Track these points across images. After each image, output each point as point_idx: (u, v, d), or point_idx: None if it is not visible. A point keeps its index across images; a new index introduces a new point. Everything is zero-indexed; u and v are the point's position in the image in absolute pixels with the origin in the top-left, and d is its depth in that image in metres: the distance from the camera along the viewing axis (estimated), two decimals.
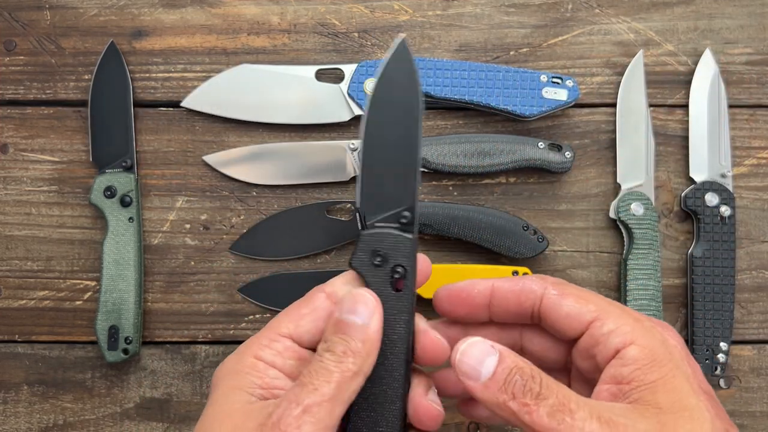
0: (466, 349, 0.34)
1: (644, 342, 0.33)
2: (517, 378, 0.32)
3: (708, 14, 0.60)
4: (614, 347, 0.34)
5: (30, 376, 0.58)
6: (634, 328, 0.34)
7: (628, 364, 0.33)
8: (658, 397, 0.32)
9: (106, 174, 0.58)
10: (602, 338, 0.34)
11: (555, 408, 0.31)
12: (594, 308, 0.35)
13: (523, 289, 0.37)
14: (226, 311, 0.58)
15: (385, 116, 0.36)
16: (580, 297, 0.36)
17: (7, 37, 0.60)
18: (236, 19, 0.60)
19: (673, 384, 0.32)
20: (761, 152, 0.59)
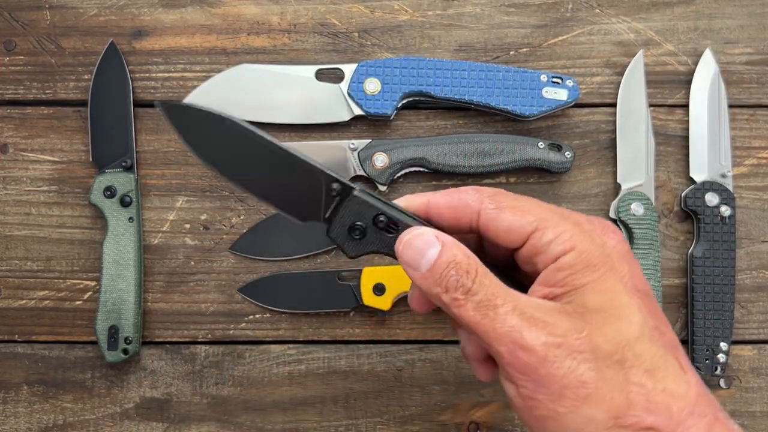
0: (411, 239, 0.35)
1: (582, 247, 0.34)
2: (452, 273, 0.34)
3: (708, 14, 0.60)
4: (554, 255, 0.34)
5: (30, 376, 0.58)
6: (573, 234, 0.34)
7: (563, 269, 0.34)
8: (587, 299, 0.33)
9: (105, 174, 0.58)
10: (543, 248, 0.35)
11: (481, 303, 0.33)
12: (533, 219, 0.35)
13: (459, 205, 0.37)
14: (226, 311, 0.58)
15: None
16: (518, 208, 0.36)
17: (7, 37, 0.60)
18: (236, 19, 0.60)
19: (605, 285, 0.33)
20: (761, 152, 0.59)
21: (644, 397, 0.31)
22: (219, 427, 0.57)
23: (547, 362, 0.31)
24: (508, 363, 0.32)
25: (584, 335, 0.32)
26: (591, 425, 0.31)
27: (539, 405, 0.32)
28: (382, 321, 0.58)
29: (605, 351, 0.32)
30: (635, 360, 0.32)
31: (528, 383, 0.32)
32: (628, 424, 0.31)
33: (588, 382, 0.31)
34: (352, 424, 0.57)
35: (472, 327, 0.33)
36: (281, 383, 0.58)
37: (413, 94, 0.58)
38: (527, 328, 0.32)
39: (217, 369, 0.58)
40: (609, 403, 0.31)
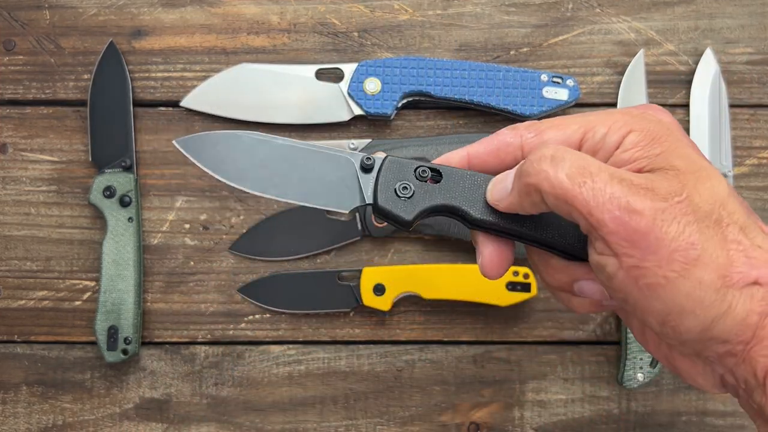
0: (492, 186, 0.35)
1: (640, 126, 0.33)
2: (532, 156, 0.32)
3: (709, 14, 0.60)
4: (614, 144, 0.33)
5: (29, 376, 0.58)
6: (626, 120, 0.33)
7: (629, 149, 0.32)
8: (673, 161, 0.32)
9: (105, 174, 0.57)
10: (599, 144, 0.33)
11: (573, 170, 0.31)
12: (577, 126, 0.34)
13: (500, 146, 0.36)
14: (225, 311, 0.58)
15: None
16: (559, 125, 0.34)
17: (7, 37, 0.60)
18: (236, 18, 0.60)
19: (681, 151, 0.32)
20: (762, 152, 0.59)
21: (743, 253, 0.31)
22: (219, 427, 0.57)
23: (656, 226, 0.30)
24: (612, 232, 0.30)
25: (684, 197, 0.31)
26: (701, 288, 0.30)
27: (647, 272, 0.30)
28: (382, 321, 0.58)
29: (704, 211, 0.31)
30: (730, 218, 0.31)
31: (635, 251, 0.30)
32: (734, 281, 0.30)
33: (696, 243, 0.30)
34: (352, 425, 0.57)
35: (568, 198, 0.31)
36: (281, 384, 0.58)
37: (413, 94, 0.58)
38: (631, 193, 0.30)
39: (217, 369, 0.58)
40: (715, 263, 0.30)
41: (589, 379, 0.58)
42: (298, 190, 0.38)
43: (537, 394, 0.58)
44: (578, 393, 0.58)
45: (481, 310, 0.58)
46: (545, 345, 0.58)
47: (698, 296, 0.30)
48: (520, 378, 0.58)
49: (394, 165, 0.36)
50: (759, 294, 0.30)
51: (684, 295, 0.30)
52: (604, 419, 0.57)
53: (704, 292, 0.30)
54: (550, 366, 0.58)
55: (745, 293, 0.30)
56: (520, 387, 0.58)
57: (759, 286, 0.30)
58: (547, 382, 0.58)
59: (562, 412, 0.57)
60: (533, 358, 0.58)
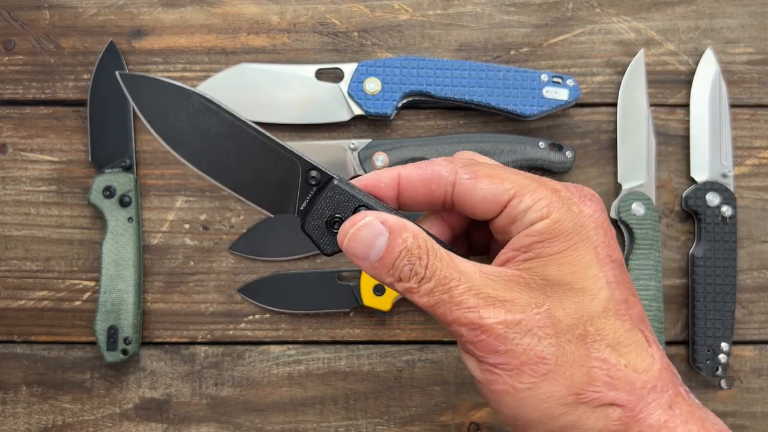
0: (356, 232, 0.33)
1: (557, 216, 0.33)
2: (404, 261, 0.32)
3: (709, 14, 0.60)
4: (529, 222, 0.33)
5: (29, 376, 0.58)
6: (551, 201, 0.33)
7: (532, 235, 0.33)
8: (549, 270, 0.32)
9: (105, 174, 0.57)
10: (519, 215, 0.33)
11: (436, 288, 0.32)
12: (510, 186, 0.34)
13: (433, 177, 0.35)
14: (225, 311, 0.58)
15: None
16: (494, 176, 0.34)
17: (6, 37, 0.59)
18: (236, 18, 0.60)
19: (573, 256, 0.32)
20: (762, 152, 0.59)
21: (606, 372, 0.31)
22: (218, 427, 0.57)
23: (506, 340, 0.31)
24: (468, 341, 0.32)
25: (544, 309, 0.31)
26: (549, 401, 0.31)
27: (498, 380, 0.32)
28: (382, 321, 0.58)
29: (566, 325, 0.31)
30: (597, 335, 0.31)
31: (490, 358, 0.32)
32: (588, 399, 0.31)
33: (548, 358, 0.31)
34: (352, 425, 0.57)
35: (430, 312, 0.33)
36: (281, 384, 0.58)
37: (413, 94, 0.58)
38: (484, 307, 0.31)
39: (217, 369, 0.58)
40: (569, 380, 0.31)
41: None
42: (231, 175, 0.35)
43: None
44: None
45: None
46: None
47: (545, 408, 0.31)
48: None
49: (337, 193, 0.34)
50: (615, 414, 0.31)
51: (531, 407, 0.31)
52: None
53: (552, 405, 0.31)
54: None
55: (599, 412, 0.31)
56: None
57: (616, 407, 0.31)
58: None
59: None
60: None
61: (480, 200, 0.34)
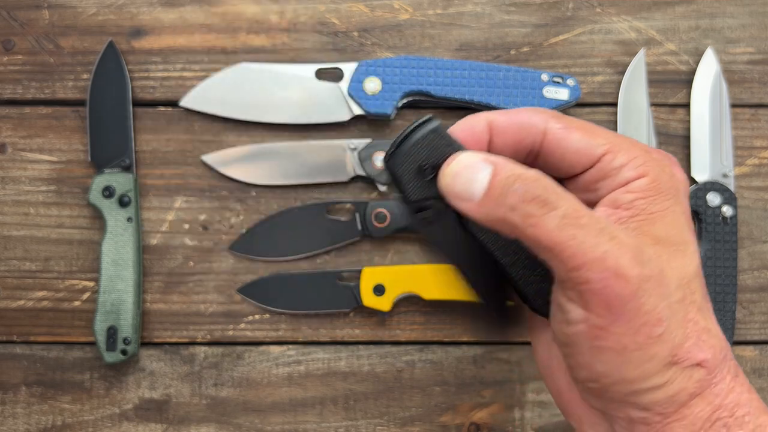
0: (453, 168, 0.31)
1: (654, 174, 0.32)
2: (518, 186, 0.29)
3: (710, 13, 0.60)
4: (625, 180, 0.32)
5: (28, 377, 0.58)
6: (646, 160, 0.32)
7: (633, 191, 0.32)
8: (656, 228, 0.31)
9: (104, 174, 0.57)
10: (613, 172, 0.32)
11: (566, 218, 0.28)
12: (604, 141, 0.33)
13: (523, 124, 0.33)
14: (225, 312, 0.58)
15: None
16: (587, 130, 0.33)
17: (6, 37, 0.59)
18: (235, 17, 0.60)
19: (672, 218, 0.32)
20: (763, 152, 0.59)
21: (697, 334, 0.31)
22: (218, 428, 0.57)
23: (637, 296, 0.29)
24: (595, 291, 0.29)
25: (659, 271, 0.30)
26: (652, 362, 0.30)
27: (608, 336, 0.29)
28: (382, 322, 0.58)
29: (674, 286, 0.31)
30: (691, 297, 0.31)
31: (608, 314, 0.29)
32: (681, 359, 0.30)
33: (663, 320, 0.30)
34: (351, 426, 0.57)
35: (555, 249, 0.29)
36: (281, 384, 0.58)
37: (413, 94, 0.58)
38: (622, 254, 0.29)
39: (216, 370, 0.58)
40: (672, 341, 0.30)
41: None
42: None
43: (538, 395, 0.57)
44: None
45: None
46: None
47: (645, 368, 0.30)
48: (521, 378, 0.58)
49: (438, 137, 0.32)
50: (697, 375, 0.31)
51: (633, 366, 0.30)
52: None
53: (653, 367, 0.30)
54: None
55: (686, 372, 0.31)
56: (521, 387, 0.58)
57: (700, 368, 0.31)
58: None
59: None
60: (534, 358, 0.58)
61: (572, 152, 0.33)
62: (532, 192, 0.29)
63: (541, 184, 0.29)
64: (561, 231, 0.28)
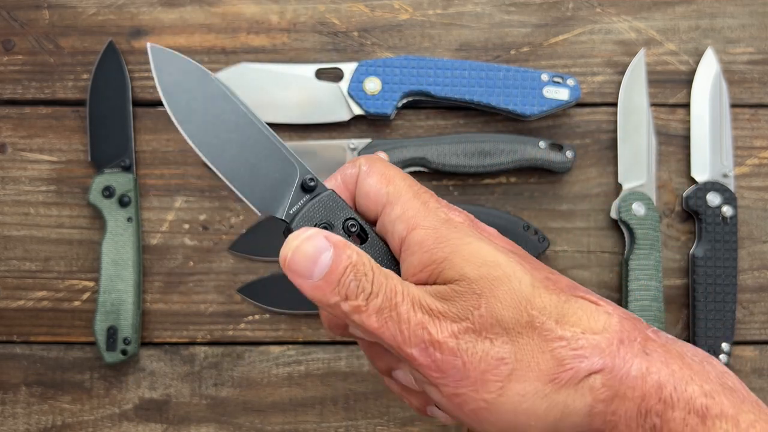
0: (300, 245, 0.31)
1: (427, 223, 0.31)
2: (351, 277, 0.30)
3: (710, 13, 0.60)
4: (399, 236, 0.32)
5: (28, 377, 0.57)
6: (419, 211, 0.32)
7: (415, 251, 0.31)
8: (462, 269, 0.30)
9: (104, 174, 0.57)
10: (390, 225, 0.32)
11: (384, 305, 0.30)
12: (392, 190, 0.33)
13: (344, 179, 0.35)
14: (225, 312, 0.58)
15: None
16: (384, 176, 0.33)
17: (6, 37, 0.59)
18: (235, 18, 0.60)
19: (469, 250, 0.30)
20: (763, 152, 0.59)
21: (568, 347, 0.29)
22: (218, 428, 0.57)
23: (460, 351, 0.29)
24: (422, 365, 0.30)
25: (483, 309, 0.29)
26: (527, 400, 0.29)
27: (467, 398, 0.29)
28: None
29: (510, 318, 0.29)
30: (541, 316, 0.29)
31: (448, 380, 0.29)
32: (566, 380, 0.29)
33: (506, 357, 0.29)
34: (351, 426, 0.57)
35: (378, 335, 0.30)
36: (281, 384, 0.58)
37: (413, 94, 0.58)
38: (431, 322, 0.29)
39: (216, 370, 0.58)
40: (537, 370, 0.29)
41: None
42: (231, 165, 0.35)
43: None
44: None
45: None
46: None
47: (526, 409, 0.29)
48: None
49: (330, 201, 0.34)
50: (597, 382, 0.29)
51: (511, 413, 0.29)
52: None
53: (533, 404, 0.29)
54: None
55: (582, 387, 0.29)
56: None
57: (596, 374, 0.29)
58: None
59: None
60: None
61: (364, 194, 0.34)
62: (362, 284, 0.30)
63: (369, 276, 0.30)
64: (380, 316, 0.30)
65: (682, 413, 0.28)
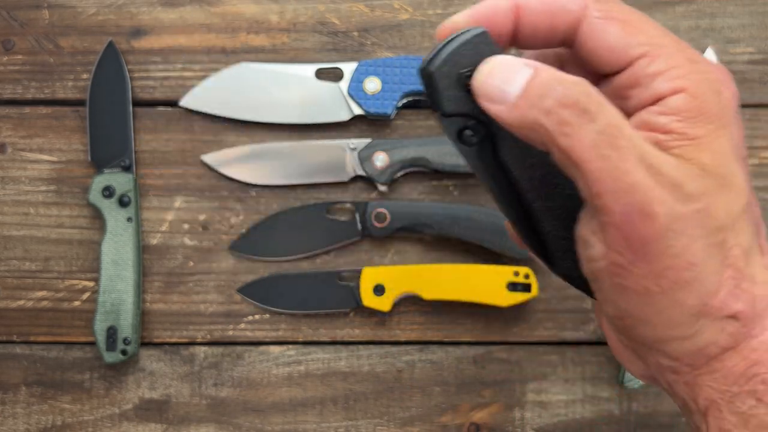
0: (488, 66, 0.28)
1: (697, 90, 0.27)
2: (557, 89, 0.26)
3: (710, 13, 0.60)
4: (659, 92, 0.27)
5: (28, 377, 0.57)
6: (689, 72, 0.27)
7: (668, 114, 0.27)
8: (702, 157, 0.27)
9: (104, 174, 0.57)
10: (647, 79, 0.28)
11: (603, 134, 0.25)
12: (644, 40, 0.28)
13: (556, 9, 0.29)
14: (225, 312, 0.58)
15: None
16: (629, 23, 0.28)
17: (6, 36, 0.59)
18: (235, 17, 0.60)
19: (718, 144, 0.27)
20: (764, 152, 0.59)
21: (734, 282, 0.27)
22: (218, 428, 0.57)
23: (665, 237, 0.26)
24: (615, 225, 0.26)
25: (702, 206, 0.26)
26: (677, 309, 0.27)
27: (629, 276, 0.27)
28: (382, 322, 0.58)
29: (716, 226, 0.26)
30: (736, 239, 0.27)
31: (628, 253, 0.26)
32: (713, 310, 0.27)
33: (697, 264, 0.26)
34: (351, 426, 0.57)
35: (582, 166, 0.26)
36: (280, 384, 0.58)
37: (414, 94, 0.58)
38: (655, 188, 0.25)
39: (216, 370, 0.58)
40: (704, 289, 0.27)
41: (589, 379, 0.57)
42: None
43: (537, 395, 0.57)
44: (579, 394, 0.57)
45: (481, 310, 0.57)
46: (546, 345, 0.58)
47: (670, 316, 0.27)
48: (521, 379, 0.58)
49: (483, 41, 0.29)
50: (731, 328, 0.28)
51: (656, 310, 0.27)
52: (605, 420, 0.57)
53: (678, 314, 0.27)
54: (550, 366, 0.58)
55: (718, 325, 0.28)
56: (521, 388, 0.57)
57: (734, 320, 0.28)
58: (547, 382, 0.57)
59: (562, 413, 0.57)
60: (534, 358, 0.58)
61: (605, 47, 0.28)
62: (572, 96, 0.26)
63: (583, 90, 0.26)
64: (593, 148, 0.25)
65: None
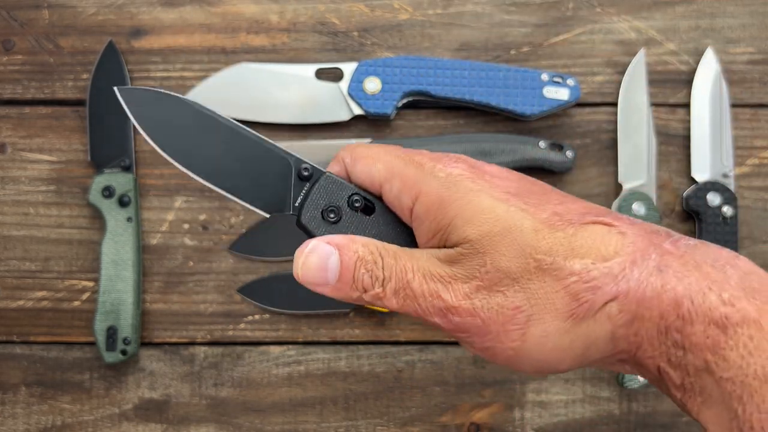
0: (305, 261, 0.33)
1: (428, 188, 0.32)
2: (362, 271, 0.32)
3: (710, 13, 0.60)
4: (407, 207, 0.33)
5: (28, 377, 0.57)
6: (417, 179, 0.33)
7: (423, 220, 0.32)
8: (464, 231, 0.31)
9: (104, 174, 0.57)
10: (396, 203, 0.33)
11: (398, 286, 0.32)
12: (381, 167, 0.34)
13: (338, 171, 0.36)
14: (225, 312, 0.58)
15: None
16: (368, 157, 0.34)
17: (6, 36, 0.59)
18: (235, 17, 0.60)
19: (470, 210, 0.31)
20: (763, 152, 0.59)
21: (580, 280, 0.29)
22: (218, 428, 0.57)
23: (476, 310, 0.30)
24: (448, 330, 0.31)
25: (489, 266, 0.30)
26: (551, 339, 0.30)
27: (495, 350, 0.31)
28: (381, 322, 0.58)
29: (516, 267, 0.30)
30: (548, 256, 0.30)
31: (474, 338, 0.31)
32: (583, 314, 0.29)
33: (520, 305, 0.30)
34: (351, 426, 0.57)
35: (402, 312, 0.32)
36: (280, 384, 0.57)
37: (413, 94, 0.58)
38: (443, 289, 0.31)
39: (216, 370, 0.58)
40: (554, 310, 0.30)
41: (589, 379, 0.57)
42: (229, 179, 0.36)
43: (537, 395, 0.57)
44: (579, 394, 0.57)
45: None
46: None
47: (552, 347, 0.30)
48: (521, 378, 0.58)
49: (329, 184, 0.35)
50: (614, 309, 0.29)
51: (540, 353, 0.30)
52: (604, 420, 0.57)
53: (557, 341, 0.30)
54: None
55: (600, 317, 0.29)
56: (521, 387, 0.57)
57: (611, 302, 0.29)
58: (547, 382, 0.58)
59: (562, 413, 0.57)
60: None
61: (360, 183, 0.34)
62: (374, 273, 0.32)
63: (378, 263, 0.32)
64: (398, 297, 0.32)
65: (701, 326, 0.28)
